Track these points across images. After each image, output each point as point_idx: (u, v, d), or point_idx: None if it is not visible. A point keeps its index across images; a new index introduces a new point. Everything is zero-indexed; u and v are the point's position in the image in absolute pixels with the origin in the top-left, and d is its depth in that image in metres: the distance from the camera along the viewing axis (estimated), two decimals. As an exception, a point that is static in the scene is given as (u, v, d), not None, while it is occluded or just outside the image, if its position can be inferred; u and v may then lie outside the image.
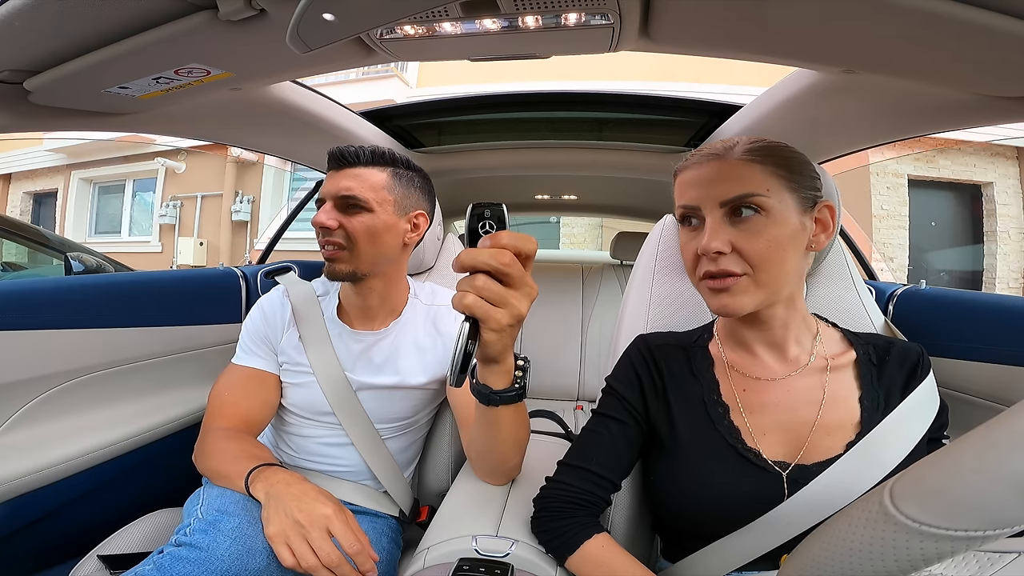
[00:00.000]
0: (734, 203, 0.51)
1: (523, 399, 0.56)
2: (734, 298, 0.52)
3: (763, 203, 0.51)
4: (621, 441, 0.59)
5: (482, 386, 0.54)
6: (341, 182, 0.75)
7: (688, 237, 0.56)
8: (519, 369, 0.55)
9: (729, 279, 0.51)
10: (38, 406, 0.81)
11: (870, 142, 0.97)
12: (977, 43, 0.49)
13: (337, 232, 0.74)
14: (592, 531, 0.55)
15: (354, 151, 0.76)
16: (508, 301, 0.43)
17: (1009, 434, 0.26)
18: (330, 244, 0.74)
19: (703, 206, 0.53)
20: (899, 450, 0.50)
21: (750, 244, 0.50)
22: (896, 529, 0.27)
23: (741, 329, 0.59)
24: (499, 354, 0.49)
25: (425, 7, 0.46)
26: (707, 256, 0.52)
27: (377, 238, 0.75)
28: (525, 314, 0.45)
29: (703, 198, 0.53)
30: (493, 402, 0.54)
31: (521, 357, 0.55)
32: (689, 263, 0.56)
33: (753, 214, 0.51)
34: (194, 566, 0.52)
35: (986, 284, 5.32)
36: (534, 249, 0.44)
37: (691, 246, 0.54)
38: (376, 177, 0.76)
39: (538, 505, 0.59)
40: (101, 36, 0.57)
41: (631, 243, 1.95)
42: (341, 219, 0.74)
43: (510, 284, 0.43)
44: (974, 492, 0.26)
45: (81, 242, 2.77)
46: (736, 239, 0.51)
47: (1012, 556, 0.29)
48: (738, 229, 0.51)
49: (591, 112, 1.33)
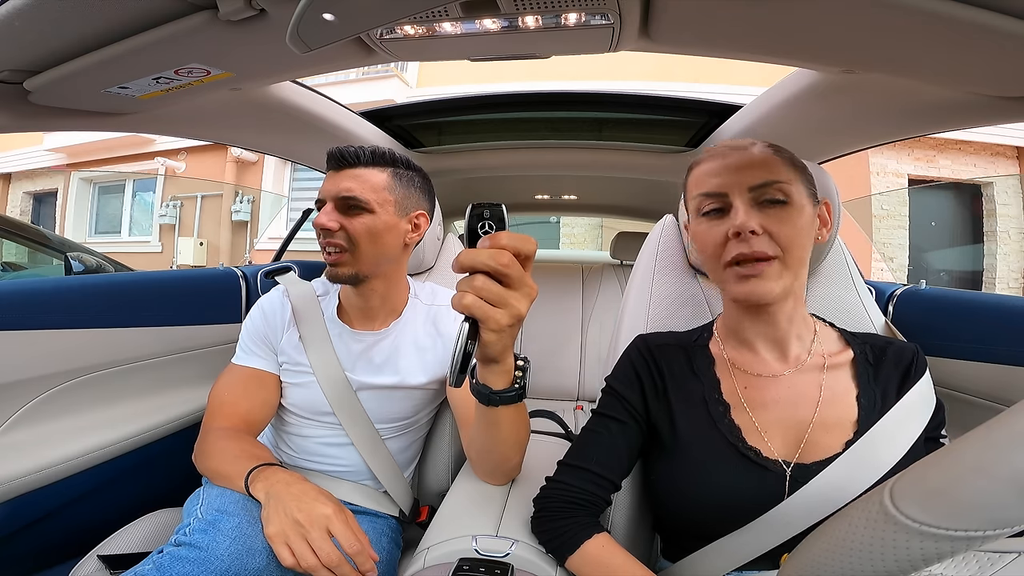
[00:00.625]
0: (763, 188, 0.52)
1: (523, 399, 0.56)
2: (764, 283, 0.52)
3: (787, 190, 0.53)
4: (621, 441, 0.59)
5: (482, 386, 0.54)
6: (342, 183, 0.74)
7: (710, 225, 0.56)
8: (519, 369, 0.55)
9: (761, 264, 0.52)
10: (38, 406, 0.81)
11: (870, 142, 0.97)
12: (977, 43, 0.49)
13: (338, 234, 0.73)
14: (592, 531, 0.55)
15: (354, 151, 0.75)
16: (507, 301, 0.43)
17: (1009, 434, 0.26)
18: (332, 246, 0.74)
19: (730, 191, 0.54)
20: (897, 449, 0.50)
21: (779, 228, 0.52)
22: (896, 529, 0.27)
23: (746, 325, 0.59)
24: (499, 354, 0.49)
25: (425, 7, 0.46)
26: (739, 238, 0.52)
27: (378, 239, 0.75)
28: (524, 314, 0.45)
29: (730, 184, 0.54)
30: (493, 402, 0.54)
31: (521, 357, 0.55)
32: (713, 249, 0.55)
33: (779, 201, 0.53)
34: (193, 566, 0.52)
35: (986, 284, 5.32)
36: (533, 249, 0.44)
37: (716, 232, 0.54)
38: (377, 178, 0.75)
39: (538, 505, 0.59)
40: (101, 36, 0.57)
41: (631, 243, 1.95)
42: (342, 220, 0.73)
43: (509, 284, 0.43)
44: (974, 492, 0.26)
45: (81, 242, 2.77)
46: (766, 223, 0.52)
47: (1012, 556, 0.29)
48: (766, 214, 0.52)
49: (591, 112, 1.33)
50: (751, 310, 0.57)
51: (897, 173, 5.37)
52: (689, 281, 0.79)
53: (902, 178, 5.37)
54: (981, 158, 5.36)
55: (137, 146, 6.64)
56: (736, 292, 0.54)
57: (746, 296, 0.53)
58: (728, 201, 0.54)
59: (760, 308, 0.56)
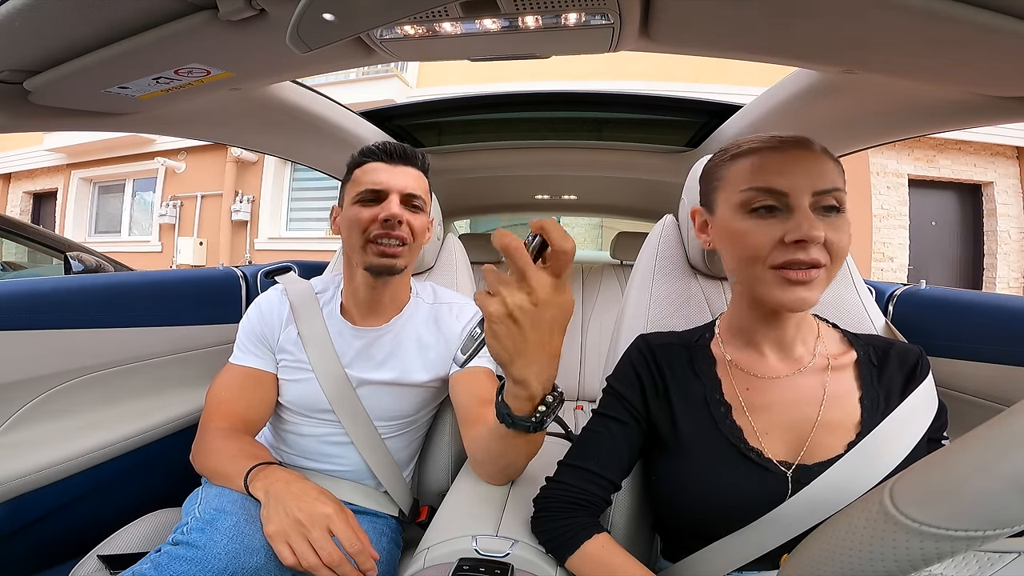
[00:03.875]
0: (825, 194, 0.50)
1: (538, 432, 0.55)
2: (812, 291, 0.50)
3: (842, 199, 0.51)
4: (621, 441, 0.59)
5: (503, 405, 0.54)
6: (404, 180, 0.77)
7: (760, 224, 0.51)
8: (544, 404, 0.53)
9: (813, 271, 0.49)
10: (38, 406, 0.81)
11: (870, 142, 0.97)
12: (977, 43, 0.49)
13: (404, 227, 0.76)
14: (592, 531, 0.55)
15: (412, 151, 0.80)
16: (497, 289, 0.45)
17: (1009, 434, 0.26)
18: (395, 239, 0.75)
19: (793, 192, 0.49)
20: (899, 451, 0.50)
21: (836, 237, 0.49)
22: (896, 529, 0.27)
23: (759, 328, 0.58)
24: (507, 361, 0.48)
25: (425, 7, 0.46)
26: (798, 244, 0.49)
27: (423, 237, 0.81)
28: (514, 310, 0.44)
29: (795, 185, 0.49)
30: (507, 423, 0.54)
31: (554, 392, 0.54)
32: (760, 251, 0.51)
33: (835, 208, 0.50)
34: (192, 564, 0.52)
35: (986, 284, 5.32)
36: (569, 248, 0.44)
37: (767, 233, 0.50)
38: (424, 181, 0.82)
39: (538, 505, 0.59)
40: (101, 36, 0.57)
41: (631, 243, 1.95)
42: (406, 215, 0.76)
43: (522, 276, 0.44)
44: (975, 492, 0.26)
45: (81, 241, 2.77)
46: (825, 231, 0.49)
47: (1012, 556, 0.29)
48: (824, 221, 0.49)
49: (591, 112, 1.34)
50: (770, 314, 0.56)
51: (897, 173, 5.36)
52: (689, 281, 0.79)
53: (902, 178, 5.37)
54: (981, 158, 5.36)
55: (137, 146, 6.63)
56: (780, 297, 0.50)
57: (792, 303, 0.50)
58: (788, 202, 0.50)
59: (779, 312, 0.55)
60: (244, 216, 6.26)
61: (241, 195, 6.33)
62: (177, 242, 6.59)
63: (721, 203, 0.56)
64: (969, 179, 5.38)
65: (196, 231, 6.55)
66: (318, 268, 1.23)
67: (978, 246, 5.46)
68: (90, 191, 7.41)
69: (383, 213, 0.74)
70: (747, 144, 0.55)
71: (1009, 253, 5.26)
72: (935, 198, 5.50)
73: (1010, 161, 5.36)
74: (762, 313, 0.57)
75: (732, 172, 0.55)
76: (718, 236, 0.57)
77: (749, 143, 0.55)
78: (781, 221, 0.50)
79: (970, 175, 5.36)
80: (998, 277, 5.22)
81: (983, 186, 5.42)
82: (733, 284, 0.61)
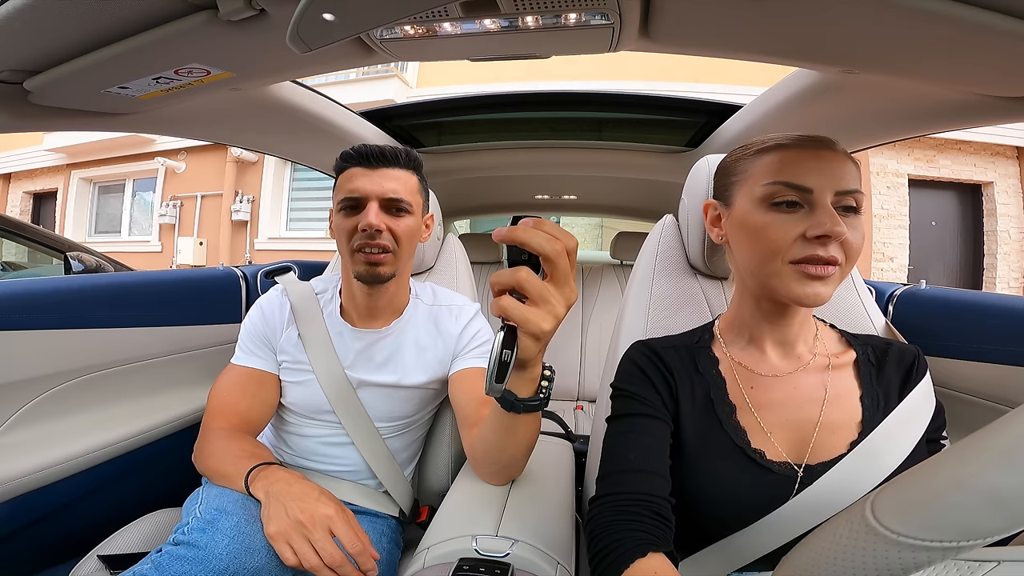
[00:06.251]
0: (846, 194, 0.51)
1: (545, 408, 0.56)
2: (828, 287, 0.50)
3: (860, 201, 0.52)
4: (653, 433, 0.55)
5: (507, 392, 0.53)
6: (384, 183, 0.74)
7: (782, 218, 0.51)
8: (545, 379, 0.54)
9: (830, 267, 0.50)
10: (38, 406, 0.81)
11: (870, 142, 0.97)
12: (977, 43, 0.49)
13: (385, 235, 0.73)
14: (647, 548, 0.45)
15: (393, 150, 0.76)
16: (547, 299, 0.42)
17: (984, 450, 0.28)
18: (376, 247, 0.73)
19: (818, 189, 0.50)
20: (900, 450, 0.50)
21: (853, 236, 0.50)
22: (876, 540, 0.29)
23: (760, 324, 0.58)
24: (531, 360, 0.48)
25: (425, 7, 0.46)
26: (819, 240, 0.49)
27: (413, 241, 0.78)
28: (563, 317, 0.44)
29: (820, 182, 0.50)
30: (516, 409, 0.54)
31: (547, 367, 0.54)
32: (780, 244, 0.51)
33: (854, 209, 0.51)
34: (192, 564, 0.52)
35: (986, 284, 5.32)
36: (574, 246, 0.43)
37: (789, 227, 0.50)
38: (412, 180, 0.78)
39: (585, 531, 0.52)
40: (101, 36, 0.57)
41: (631, 243, 1.95)
42: (388, 221, 0.73)
43: (554, 280, 0.43)
44: (950, 505, 0.27)
45: (81, 241, 2.77)
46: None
47: (992, 564, 0.30)
48: (843, 221, 0.50)
49: (591, 112, 1.34)
50: (775, 311, 0.56)
51: (897, 173, 5.37)
52: (689, 281, 0.79)
53: (902, 178, 5.37)
54: (981, 158, 5.36)
55: (137, 146, 6.64)
56: (796, 291, 0.50)
57: (808, 297, 0.50)
58: (811, 198, 0.50)
59: (786, 310, 0.55)
60: (244, 216, 6.26)
61: (241, 195, 6.34)
62: (177, 242, 6.59)
63: (741, 196, 0.56)
64: (969, 179, 5.38)
65: (196, 231, 6.55)
66: (318, 268, 1.23)
67: (978, 246, 5.47)
68: (90, 191, 7.41)
69: (361, 223, 0.72)
70: (772, 140, 0.55)
71: (1009, 253, 5.26)
72: (935, 198, 5.50)
73: (1010, 161, 5.36)
74: (767, 310, 0.57)
75: (756, 166, 0.55)
76: (733, 230, 0.57)
77: (774, 139, 0.55)
78: (802, 217, 0.50)
79: (970, 175, 5.37)
80: (998, 277, 5.23)
81: (983, 186, 5.42)
82: (736, 282, 0.61)
